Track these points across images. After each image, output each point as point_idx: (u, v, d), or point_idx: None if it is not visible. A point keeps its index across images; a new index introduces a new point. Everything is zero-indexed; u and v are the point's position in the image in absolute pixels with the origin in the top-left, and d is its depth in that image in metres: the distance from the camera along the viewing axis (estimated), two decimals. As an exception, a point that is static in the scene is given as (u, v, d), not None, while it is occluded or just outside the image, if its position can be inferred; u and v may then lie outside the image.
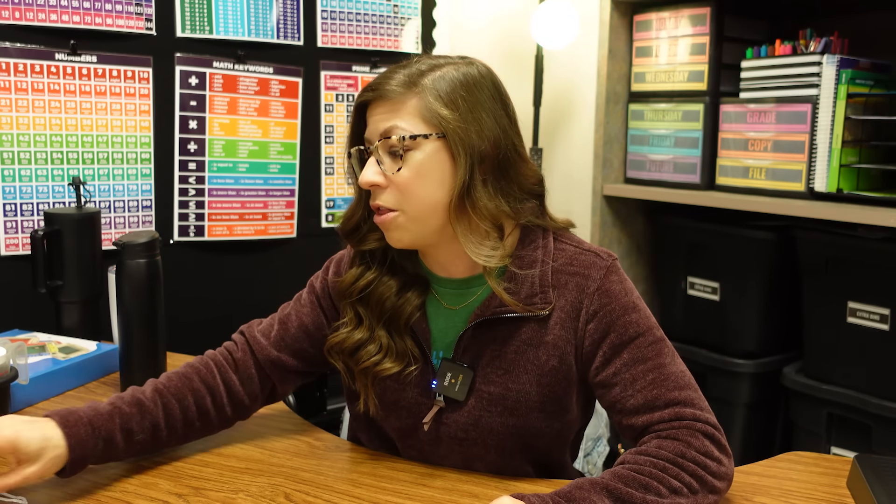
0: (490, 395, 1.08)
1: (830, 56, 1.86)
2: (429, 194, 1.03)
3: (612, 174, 2.37)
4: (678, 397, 1.01)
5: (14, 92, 1.79)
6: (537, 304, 1.05)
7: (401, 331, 1.11)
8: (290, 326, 1.20)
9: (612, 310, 1.05)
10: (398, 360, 1.10)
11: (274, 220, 2.18)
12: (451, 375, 1.08)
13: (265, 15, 2.10)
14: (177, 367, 1.20)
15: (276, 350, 1.19)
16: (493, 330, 1.08)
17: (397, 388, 1.12)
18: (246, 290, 2.16)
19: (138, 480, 1.08)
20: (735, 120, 2.07)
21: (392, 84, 1.03)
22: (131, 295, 1.39)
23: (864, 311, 1.83)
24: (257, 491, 1.05)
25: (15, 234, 1.82)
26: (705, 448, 0.97)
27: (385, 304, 1.11)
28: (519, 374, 1.07)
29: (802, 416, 1.97)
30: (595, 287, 1.05)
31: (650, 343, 1.04)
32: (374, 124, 1.05)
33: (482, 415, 1.08)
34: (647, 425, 1.01)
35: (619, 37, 2.31)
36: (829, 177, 1.86)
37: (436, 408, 1.10)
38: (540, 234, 1.10)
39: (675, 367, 1.04)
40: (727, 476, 0.98)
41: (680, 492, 0.93)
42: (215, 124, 2.06)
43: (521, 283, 1.06)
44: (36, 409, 1.34)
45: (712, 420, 1.01)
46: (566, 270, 1.07)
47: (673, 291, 2.25)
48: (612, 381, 1.04)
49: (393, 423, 1.14)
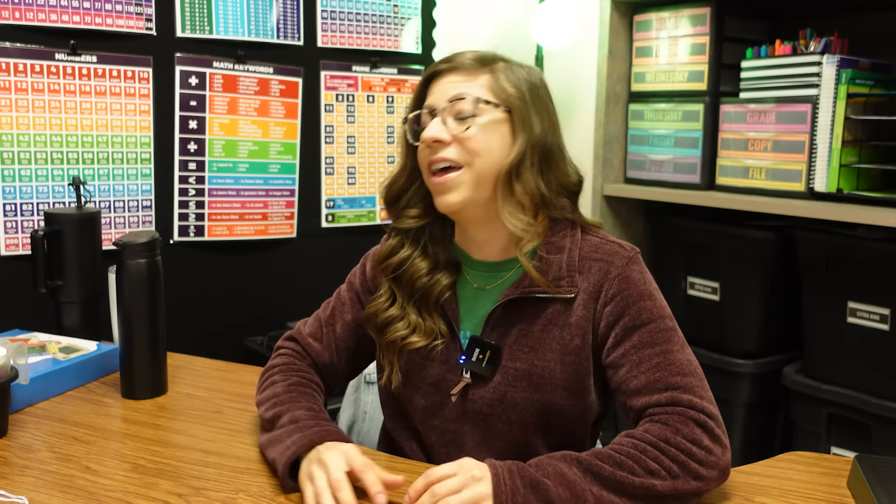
0: (516, 370, 1.11)
1: (830, 56, 1.86)
2: (490, 155, 1.10)
3: (612, 174, 2.37)
4: (679, 382, 1.03)
5: (14, 92, 1.79)
6: (564, 287, 1.11)
7: (430, 309, 1.16)
8: (336, 327, 1.25)
9: (630, 295, 1.09)
10: (426, 336, 1.15)
11: (274, 220, 2.18)
12: (479, 352, 1.13)
13: (265, 15, 2.10)
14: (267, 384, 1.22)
15: (328, 354, 1.25)
16: (521, 309, 1.12)
17: (423, 363, 1.16)
18: (246, 290, 2.16)
19: (138, 480, 1.08)
20: (735, 120, 2.07)
21: (467, 58, 1.13)
22: (131, 295, 1.39)
23: (864, 311, 1.83)
24: (257, 491, 1.05)
25: (15, 234, 1.82)
26: (693, 435, 0.98)
27: (416, 283, 1.16)
28: (544, 352, 1.11)
29: (802, 416, 1.97)
30: (616, 273, 1.10)
31: (661, 330, 1.08)
32: (441, 91, 1.12)
33: (507, 390, 1.12)
34: (645, 407, 1.04)
35: (619, 37, 2.31)
36: (829, 177, 1.86)
37: (463, 382, 1.14)
38: (568, 226, 1.16)
39: (683, 356, 1.06)
40: (716, 465, 0.98)
41: (657, 474, 0.95)
42: (215, 124, 2.06)
43: (550, 266, 1.11)
44: (36, 409, 1.34)
45: (709, 409, 1.02)
46: (591, 257, 1.13)
47: (673, 291, 2.24)
48: (621, 361, 1.08)
49: (418, 401, 1.18)
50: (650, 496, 0.95)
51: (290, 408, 1.13)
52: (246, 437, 1.23)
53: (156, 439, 1.23)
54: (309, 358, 1.25)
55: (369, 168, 2.34)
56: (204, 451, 1.18)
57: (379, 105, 2.33)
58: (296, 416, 1.11)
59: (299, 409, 1.12)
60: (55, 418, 1.30)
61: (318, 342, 1.25)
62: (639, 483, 0.94)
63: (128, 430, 1.26)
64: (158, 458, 1.15)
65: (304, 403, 1.14)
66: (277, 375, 1.21)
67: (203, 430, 1.26)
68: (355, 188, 2.32)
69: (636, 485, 0.94)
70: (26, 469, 1.11)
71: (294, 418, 1.10)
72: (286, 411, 1.12)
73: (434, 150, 1.10)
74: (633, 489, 0.94)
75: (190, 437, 1.24)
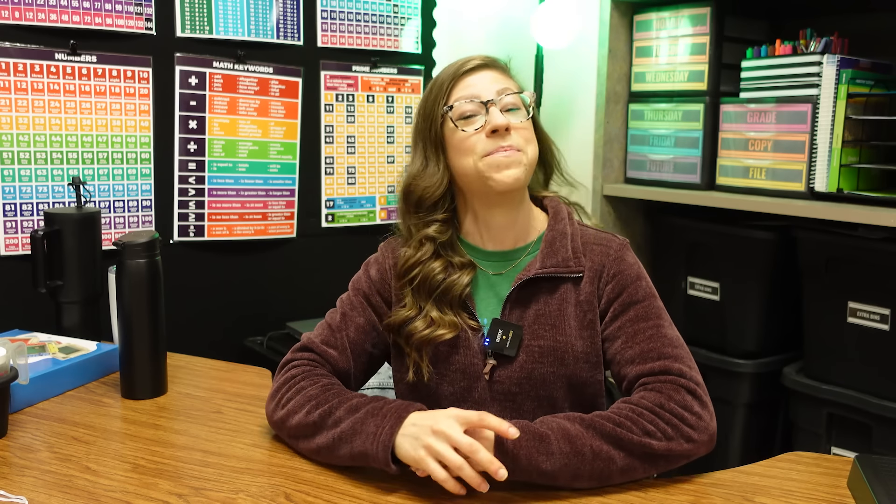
0: (540, 348, 1.19)
1: (830, 56, 1.86)
2: (536, 148, 1.23)
3: (613, 174, 2.36)
4: (670, 353, 1.14)
5: (14, 92, 1.79)
6: (572, 267, 1.21)
7: (451, 305, 1.21)
8: (349, 332, 1.25)
9: (628, 275, 1.21)
10: (451, 328, 1.20)
11: (274, 220, 2.18)
12: (503, 332, 1.19)
13: (265, 15, 2.10)
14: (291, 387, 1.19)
15: (345, 359, 1.24)
16: (536, 291, 1.20)
17: (449, 351, 1.21)
18: (246, 290, 2.16)
19: (138, 480, 1.08)
20: (735, 120, 2.07)
21: (498, 60, 1.25)
22: (131, 295, 1.39)
23: (864, 311, 1.83)
24: (257, 491, 1.05)
25: (15, 234, 1.82)
26: (685, 402, 1.08)
27: (433, 281, 1.20)
28: (564, 329, 1.19)
29: (802, 416, 1.97)
30: (615, 255, 1.22)
31: (653, 308, 1.19)
32: (485, 83, 1.20)
33: (534, 367, 1.19)
34: (639, 375, 1.13)
35: (619, 37, 2.31)
36: (829, 177, 1.86)
37: (489, 365, 1.20)
38: (566, 211, 1.27)
39: (672, 332, 1.18)
40: (706, 430, 1.07)
41: (653, 435, 1.04)
42: (215, 124, 2.06)
43: (559, 249, 1.21)
44: (36, 409, 1.34)
45: (697, 378, 1.12)
46: (591, 242, 1.24)
47: (673, 291, 2.24)
48: (617, 334, 1.18)
49: (445, 388, 1.22)
50: (646, 454, 1.04)
51: (340, 401, 1.11)
52: (246, 437, 1.23)
53: (156, 439, 1.23)
54: (328, 365, 1.23)
55: (369, 168, 2.34)
56: (204, 451, 1.18)
57: (379, 105, 2.33)
58: (354, 404, 1.09)
59: (353, 399, 1.11)
60: (55, 418, 1.30)
61: (333, 349, 1.23)
62: (637, 441, 1.03)
63: (128, 430, 1.26)
64: (158, 458, 1.15)
65: (353, 394, 1.13)
66: (303, 382, 1.17)
67: (203, 430, 1.26)
68: (355, 188, 2.32)
69: (634, 441, 1.03)
70: (26, 469, 1.11)
71: (353, 406, 1.09)
72: (338, 406, 1.10)
73: (503, 136, 1.17)
74: (632, 445, 1.03)
75: (190, 437, 1.23)
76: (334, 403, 1.11)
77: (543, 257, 1.21)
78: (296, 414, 1.13)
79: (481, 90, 1.19)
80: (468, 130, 1.18)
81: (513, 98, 1.20)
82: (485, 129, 1.17)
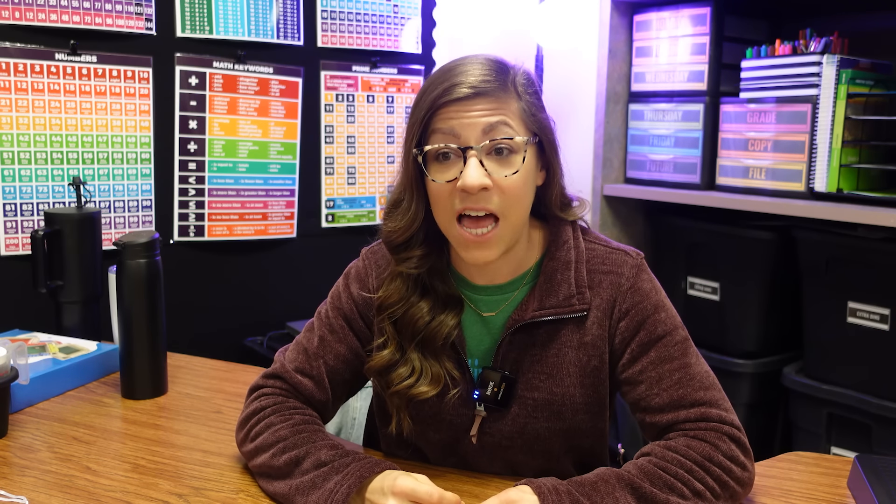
0: (535, 400, 1.06)
1: (830, 56, 1.86)
2: (527, 199, 1.03)
3: (612, 174, 2.36)
4: (704, 397, 1.02)
5: (14, 92, 1.79)
6: (575, 305, 1.05)
7: (436, 352, 1.07)
8: (327, 359, 1.12)
9: (644, 308, 1.05)
10: (433, 384, 1.06)
11: (274, 220, 2.18)
12: (494, 384, 1.06)
13: (265, 15, 2.10)
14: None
15: (321, 391, 1.12)
16: (532, 334, 1.06)
17: (436, 402, 1.08)
18: (246, 290, 2.16)
19: (138, 480, 1.08)
20: (735, 120, 2.07)
21: (486, 78, 0.97)
22: (131, 295, 1.39)
23: (864, 311, 1.83)
24: (257, 491, 1.05)
25: (15, 234, 1.82)
26: (732, 452, 0.98)
27: (417, 324, 1.06)
28: (562, 378, 1.06)
29: (802, 416, 1.97)
30: (629, 286, 1.06)
31: (677, 342, 1.05)
32: (471, 120, 0.97)
33: (528, 421, 1.07)
34: (672, 423, 1.01)
35: (619, 37, 2.31)
36: (829, 177, 1.86)
37: (478, 418, 1.08)
38: (570, 231, 1.10)
39: (700, 368, 1.05)
40: (750, 482, 1.00)
41: (703, 495, 0.94)
42: (215, 124, 2.06)
43: (560, 284, 1.05)
44: (36, 409, 1.34)
45: (736, 422, 1.01)
46: (599, 269, 1.07)
47: (673, 291, 2.24)
48: (639, 378, 1.04)
49: (432, 436, 1.11)
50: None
51: (309, 450, 1.00)
52: (246, 437, 1.22)
53: (156, 439, 1.23)
54: (302, 396, 1.11)
55: (369, 168, 2.34)
56: (204, 451, 1.18)
57: (379, 105, 2.33)
58: (322, 459, 0.99)
59: (322, 450, 1.00)
60: (55, 418, 1.30)
61: (308, 378, 1.11)
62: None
63: (128, 430, 1.26)
64: (158, 458, 1.15)
65: (324, 442, 1.02)
66: (273, 417, 1.06)
67: (203, 430, 1.26)
68: (355, 188, 2.32)
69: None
70: (26, 469, 1.11)
71: (320, 461, 0.99)
72: (306, 455, 1.00)
73: (474, 198, 0.97)
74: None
75: (190, 437, 1.24)
76: (302, 453, 1.00)
77: (542, 295, 1.05)
78: (263, 453, 1.04)
79: (463, 128, 0.97)
80: (438, 181, 0.99)
81: (507, 142, 0.97)
82: (457, 184, 0.97)
